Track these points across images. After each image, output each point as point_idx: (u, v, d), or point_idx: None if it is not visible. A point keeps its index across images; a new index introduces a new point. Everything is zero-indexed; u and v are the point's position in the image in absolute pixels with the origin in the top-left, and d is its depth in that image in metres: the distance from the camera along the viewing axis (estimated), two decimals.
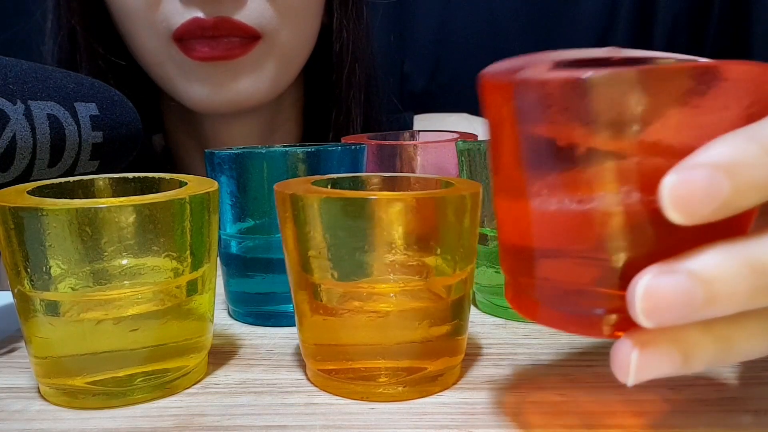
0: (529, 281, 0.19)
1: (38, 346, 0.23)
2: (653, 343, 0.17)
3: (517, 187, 0.19)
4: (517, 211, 0.19)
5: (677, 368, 0.17)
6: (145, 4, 0.47)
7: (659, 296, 0.16)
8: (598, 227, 0.17)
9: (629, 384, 0.17)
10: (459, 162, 0.34)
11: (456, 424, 0.22)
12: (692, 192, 0.15)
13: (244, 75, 0.49)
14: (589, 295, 0.18)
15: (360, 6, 0.56)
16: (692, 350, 0.17)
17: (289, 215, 0.23)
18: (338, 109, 0.57)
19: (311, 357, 0.25)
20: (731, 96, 0.16)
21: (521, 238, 0.19)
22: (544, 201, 0.18)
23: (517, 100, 0.18)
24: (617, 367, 0.17)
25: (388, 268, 0.23)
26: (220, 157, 0.31)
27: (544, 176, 0.18)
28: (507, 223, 0.20)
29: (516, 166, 0.18)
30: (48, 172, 0.29)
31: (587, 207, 0.17)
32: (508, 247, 0.20)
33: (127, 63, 0.52)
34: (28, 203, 0.21)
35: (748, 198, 0.15)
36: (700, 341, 0.17)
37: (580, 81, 0.16)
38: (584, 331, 0.18)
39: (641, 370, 0.17)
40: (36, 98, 0.29)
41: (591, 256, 0.18)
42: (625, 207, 0.17)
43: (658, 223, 0.16)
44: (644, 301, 0.16)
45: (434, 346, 0.24)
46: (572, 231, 0.18)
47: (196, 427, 0.22)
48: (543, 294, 0.19)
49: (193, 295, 0.24)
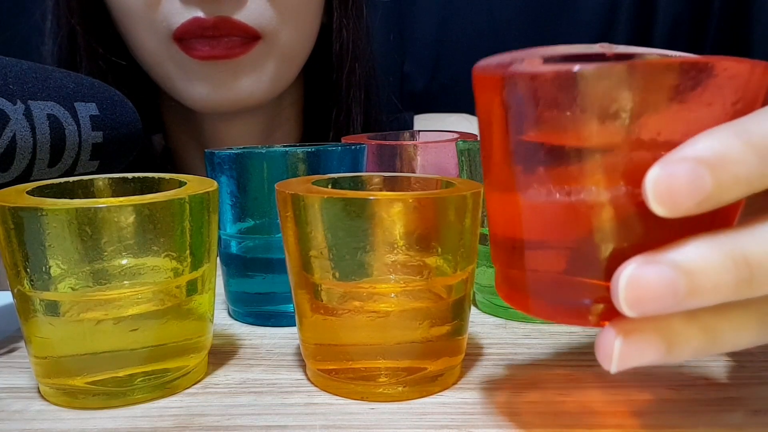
0: (519, 273, 0.20)
1: (38, 346, 0.23)
2: (637, 332, 0.17)
3: (507, 179, 0.19)
4: (507, 204, 0.19)
5: (661, 357, 0.17)
6: (145, 3, 0.47)
7: (642, 286, 0.16)
8: (585, 219, 0.17)
9: (612, 371, 0.17)
10: (459, 162, 0.34)
11: (456, 424, 0.22)
12: (675, 185, 0.15)
13: (244, 74, 0.49)
14: (577, 285, 0.18)
15: (360, 5, 0.56)
16: (676, 339, 0.17)
17: (290, 215, 0.23)
18: (338, 109, 0.57)
19: (311, 357, 0.25)
20: (718, 92, 0.16)
21: (511, 230, 0.20)
22: (533, 193, 0.18)
23: (508, 93, 0.18)
24: (601, 354, 0.17)
25: (388, 268, 0.23)
26: (220, 157, 0.31)
27: (533, 169, 0.18)
28: (497, 216, 0.20)
29: (506, 159, 0.19)
30: (48, 172, 0.29)
31: (575, 199, 0.17)
32: (499, 240, 0.20)
33: (127, 63, 0.52)
34: (27, 203, 0.21)
35: (730, 192, 0.15)
36: (685, 331, 0.17)
37: (570, 74, 0.16)
38: (572, 321, 0.19)
39: (624, 358, 0.17)
40: (36, 98, 0.29)
41: (578, 247, 0.18)
42: (611, 200, 0.17)
43: (643, 215, 0.16)
44: (627, 291, 0.16)
45: (434, 346, 0.24)
46: (560, 223, 0.18)
47: (196, 427, 0.22)
48: (532, 285, 0.19)
49: (193, 295, 0.24)
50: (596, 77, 0.16)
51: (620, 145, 0.16)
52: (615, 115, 0.16)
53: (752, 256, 0.16)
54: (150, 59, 0.50)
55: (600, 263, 0.17)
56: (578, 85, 0.16)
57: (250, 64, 0.48)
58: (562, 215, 0.18)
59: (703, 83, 0.16)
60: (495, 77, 0.18)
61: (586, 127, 0.16)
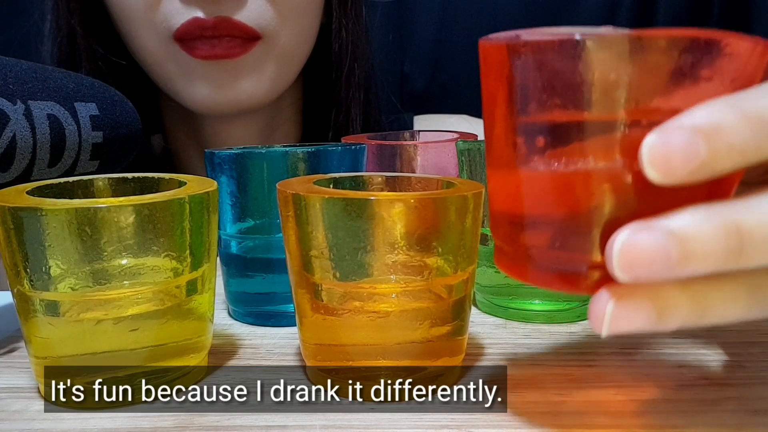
0: (519, 245, 0.20)
1: (38, 346, 0.23)
2: (629, 296, 0.17)
3: (508, 152, 0.19)
4: (508, 177, 0.20)
5: (651, 323, 0.17)
6: (145, 4, 0.47)
7: (636, 251, 0.16)
8: (583, 189, 0.18)
9: (603, 334, 0.17)
10: (459, 162, 0.34)
11: (456, 424, 0.22)
12: (671, 152, 0.16)
13: (245, 75, 0.49)
14: (574, 254, 0.19)
15: (359, 5, 0.56)
16: (667, 307, 0.17)
17: (291, 215, 0.23)
18: (338, 109, 0.57)
19: (311, 357, 0.25)
20: (719, 67, 0.17)
21: (511, 203, 0.20)
22: (533, 165, 0.18)
23: (512, 62, 0.18)
24: (593, 317, 0.18)
25: (389, 269, 0.23)
26: (220, 157, 0.31)
27: (534, 139, 0.18)
28: (498, 190, 0.21)
29: (509, 132, 0.19)
30: (48, 172, 0.29)
31: (574, 169, 0.18)
32: (499, 214, 0.21)
33: (127, 63, 0.52)
34: (27, 203, 0.21)
35: (723, 162, 0.16)
36: (676, 299, 0.17)
37: (573, 42, 0.17)
38: (569, 288, 0.19)
39: (616, 322, 0.17)
40: (36, 98, 0.29)
41: (576, 217, 0.18)
42: (610, 170, 0.17)
43: (641, 186, 0.17)
44: (621, 256, 0.16)
45: (435, 347, 0.24)
46: (559, 193, 0.18)
47: (196, 427, 0.22)
48: (531, 255, 0.20)
49: (193, 295, 0.24)
50: (599, 46, 0.16)
51: (620, 115, 0.17)
52: (616, 84, 0.16)
53: (744, 225, 0.16)
54: (150, 59, 0.50)
55: (597, 233, 0.18)
56: (581, 53, 0.16)
57: (250, 65, 0.48)
58: (562, 186, 0.18)
59: (704, 58, 0.16)
60: (500, 46, 0.19)
61: (587, 95, 0.17)
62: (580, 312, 0.32)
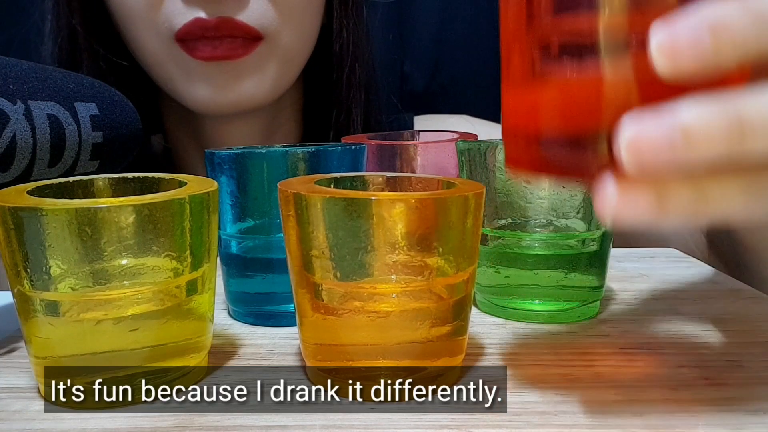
0: (530, 146, 0.21)
1: (38, 346, 0.23)
2: (633, 183, 0.18)
3: (525, 63, 0.21)
4: (524, 88, 0.21)
5: (653, 211, 0.18)
6: (147, 4, 0.47)
7: (643, 138, 0.17)
8: (597, 86, 0.19)
9: (608, 221, 0.19)
10: (459, 162, 0.34)
11: (456, 424, 0.22)
12: (677, 42, 0.17)
13: (246, 76, 0.49)
14: (586, 149, 0.19)
15: (360, 6, 0.56)
16: (668, 196, 0.18)
17: (292, 214, 0.23)
18: (338, 109, 0.57)
19: (312, 356, 0.25)
20: None
21: (528, 112, 0.21)
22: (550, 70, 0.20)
23: None
24: (599, 203, 0.19)
25: (389, 269, 0.23)
26: (220, 157, 0.31)
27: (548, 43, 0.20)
28: (515, 104, 0.22)
29: (524, 40, 0.20)
30: (48, 172, 0.29)
31: (587, 67, 0.19)
32: (513, 125, 0.22)
33: (128, 64, 0.52)
34: (27, 203, 0.21)
35: (727, 54, 0.17)
36: (677, 189, 0.18)
37: None
38: (578, 175, 0.20)
39: (620, 207, 0.18)
40: (36, 98, 0.29)
41: (588, 113, 0.19)
42: (623, 67, 0.18)
43: (650, 83, 0.18)
44: (629, 143, 0.17)
45: (435, 347, 0.24)
46: (573, 94, 0.19)
47: (196, 427, 0.22)
48: (542, 152, 0.21)
49: (193, 295, 0.24)
50: None
51: (629, 15, 0.18)
52: None
53: (745, 112, 0.17)
54: (151, 60, 0.50)
55: (606, 129, 0.19)
56: None
57: (252, 66, 0.48)
58: (576, 87, 0.19)
59: None
60: None
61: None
62: (580, 312, 0.32)
